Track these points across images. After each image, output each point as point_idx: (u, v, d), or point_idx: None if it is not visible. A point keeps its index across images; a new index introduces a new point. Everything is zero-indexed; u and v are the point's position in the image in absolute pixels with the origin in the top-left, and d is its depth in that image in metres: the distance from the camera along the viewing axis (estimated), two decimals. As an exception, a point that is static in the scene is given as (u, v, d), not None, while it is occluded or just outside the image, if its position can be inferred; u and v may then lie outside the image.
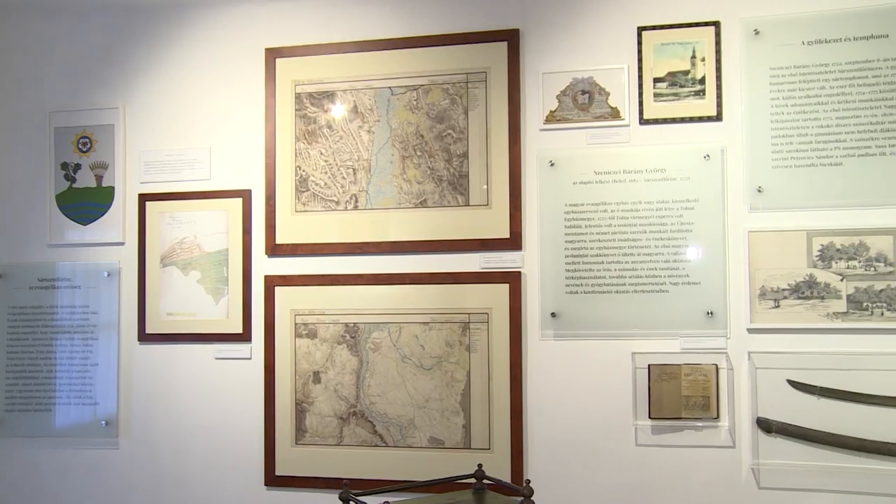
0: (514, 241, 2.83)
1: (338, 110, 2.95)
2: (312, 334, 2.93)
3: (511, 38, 2.85)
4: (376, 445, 2.88)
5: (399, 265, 2.92)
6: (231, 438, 3.04)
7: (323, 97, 2.97)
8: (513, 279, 2.82)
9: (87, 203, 3.15)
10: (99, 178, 3.15)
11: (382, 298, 2.90)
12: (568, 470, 2.80)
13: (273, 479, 2.95)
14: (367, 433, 2.89)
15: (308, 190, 2.96)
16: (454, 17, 2.93)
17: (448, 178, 2.87)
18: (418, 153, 2.89)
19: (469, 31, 2.89)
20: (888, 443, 2.58)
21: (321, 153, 2.97)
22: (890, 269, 2.60)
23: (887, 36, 2.63)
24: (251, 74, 3.07)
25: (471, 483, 2.42)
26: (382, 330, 2.89)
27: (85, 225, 3.16)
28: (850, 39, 2.66)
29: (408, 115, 2.90)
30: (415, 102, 2.90)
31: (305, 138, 2.98)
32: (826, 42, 2.68)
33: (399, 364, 2.88)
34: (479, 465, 2.52)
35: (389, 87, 2.92)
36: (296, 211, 2.97)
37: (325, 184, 2.95)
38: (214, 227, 3.02)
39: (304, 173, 2.97)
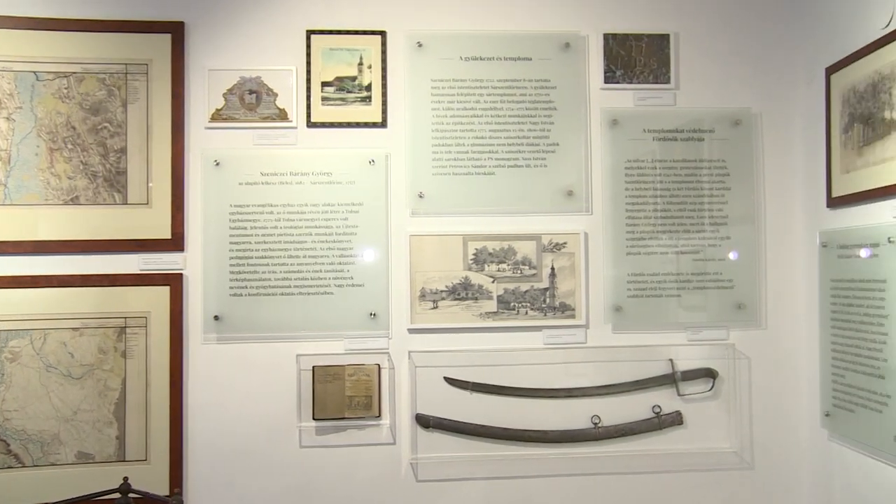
0: (175, 242, 2.71)
1: (-30, 93, 2.65)
2: (-67, 345, 2.60)
3: (175, 31, 2.73)
4: (10, 467, 2.61)
5: (45, 266, 2.68)
6: None
7: (-50, 77, 2.65)
8: (174, 281, 2.70)
9: None
10: None
11: (24, 303, 2.64)
12: (230, 476, 2.73)
13: None
14: (-1, 454, 2.61)
15: (-69, 181, 2.63)
16: (113, 2, 2.75)
17: (104, 175, 2.69)
18: (69, 146, 2.68)
19: (130, 19, 2.73)
20: (527, 430, 2.81)
21: (-51, 140, 2.65)
22: (533, 271, 2.83)
23: (531, 59, 2.86)
24: None
25: (115, 499, 2.29)
26: (23, 337, 2.64)
27: None
28: (501, 59, 2.86)
29: (57, 103, 2.68)
30: (65, 91, 2.68)
31: (-74, 122, 2.64)
32: (481, 59, 2.86)
33: (43, 374, 2.64)
34: (125, 479, 2.40)
35: (34, 72, 2.68)
36: (-86, 205, 2.62)
37: (-46, 175, 2.64)
38: None
39: (-74, 162, 2.63)
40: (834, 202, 2.67)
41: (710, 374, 2.85)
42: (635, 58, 2.88)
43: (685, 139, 2.89)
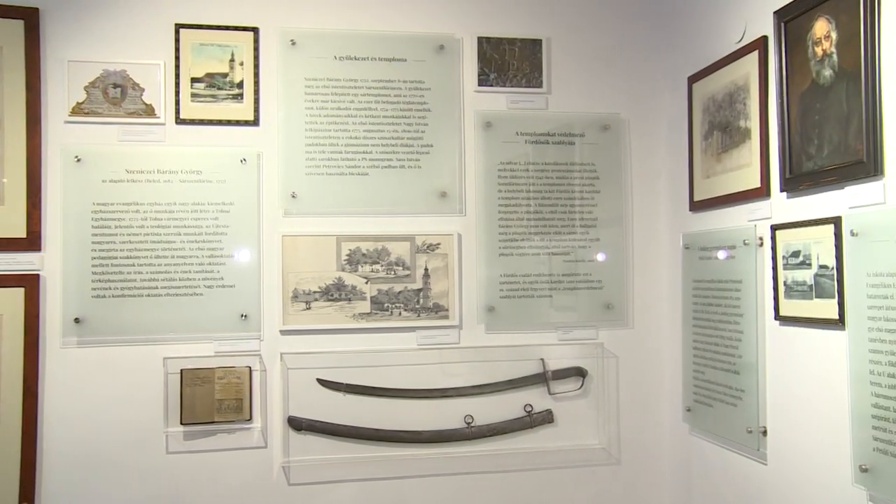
0: (31, 242, 2.59)
1: None
2: None
3: (29, 18, 2.60)
4: None
5: None
6: None
7: None
8: (29, 282, 2.58)
9: None
10: None
11: None
12: (90, 486, 2.62)
13: None
14: None
15: None
16: (-40, -14, 2.59)
17: (-51, 169, 2.54)
18: None
19: (-23, 3, 2.58)
20: (401, 431, 2.82)
21: None
22: (407, 272, 2.84)
23: (405, 60, 2.87)
24: None
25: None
26: None
27: None
28: (375, 59, 2.86)
29: None
30: None
31: None
32: (356, 59, 2.84)
33: None
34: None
35: None
36: None
37: None
38: None
39: None
40: (696, 206, 2.78)
41: (579, 372, 2.93)
42: (509, 61, 2.93)
43: (557, 143, 2.95)
